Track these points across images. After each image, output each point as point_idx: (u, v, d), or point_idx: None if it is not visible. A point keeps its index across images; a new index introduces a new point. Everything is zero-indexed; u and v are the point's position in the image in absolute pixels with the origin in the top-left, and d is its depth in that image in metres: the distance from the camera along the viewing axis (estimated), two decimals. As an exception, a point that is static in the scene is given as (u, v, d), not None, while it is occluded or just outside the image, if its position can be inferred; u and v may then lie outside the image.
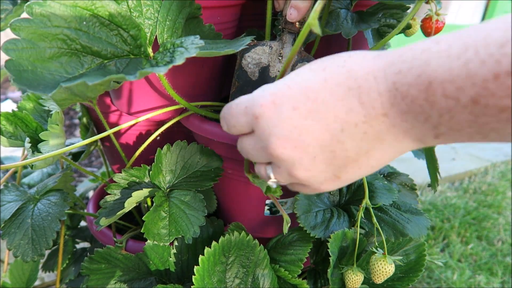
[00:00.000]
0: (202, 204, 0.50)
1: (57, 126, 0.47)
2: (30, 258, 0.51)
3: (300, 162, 0.30)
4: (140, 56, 0.40)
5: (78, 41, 0.36)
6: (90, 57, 0.37)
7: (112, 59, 0.38)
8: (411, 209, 0.56)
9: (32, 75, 0.32)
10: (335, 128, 0.28)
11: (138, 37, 0.39)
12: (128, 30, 0.39)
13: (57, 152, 0.43)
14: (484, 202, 1.80)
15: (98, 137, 0.46)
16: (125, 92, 0.55)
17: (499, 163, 2.18)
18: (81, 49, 0.36)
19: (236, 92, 0.52)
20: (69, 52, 0.36)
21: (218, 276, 0.46)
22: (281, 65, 0.49)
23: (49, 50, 0.34)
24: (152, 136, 0.55)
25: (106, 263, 0.53)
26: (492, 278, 1.35)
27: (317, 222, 0.52)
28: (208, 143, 0.54)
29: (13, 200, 0.56)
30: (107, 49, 0.37)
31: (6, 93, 2.57)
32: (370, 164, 0.29)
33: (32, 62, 0.33)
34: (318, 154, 0.29)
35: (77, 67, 0.36)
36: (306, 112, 0.29)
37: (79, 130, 0.81)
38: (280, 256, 0.52)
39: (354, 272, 0.49)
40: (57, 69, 0.34)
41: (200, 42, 0.34)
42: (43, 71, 0.33)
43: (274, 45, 0.49)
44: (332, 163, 0.29)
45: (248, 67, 0.50)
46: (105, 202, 0.51)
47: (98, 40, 0.37)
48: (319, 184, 0.31)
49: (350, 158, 0.29)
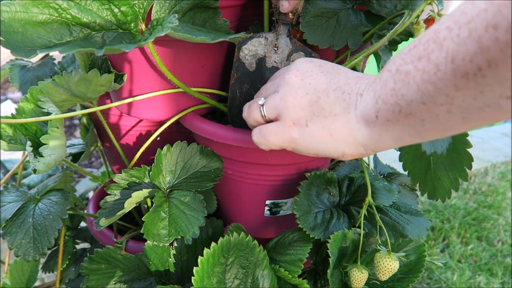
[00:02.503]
0: (202, 205, 0.50)
1: (57, 129, 0.47)
2: (32, 257, 0.51)
3: (296, 90, 0.38)
4: (130, 31, 0.41)
5: (68, 11, 0.38)
6: (79, 27, 0.39)
7: (99, 31, 0.39)
8: (411, 210, 0.56)
9: (22, 37, 0.34)
10: (331, 86, 0.37)
11: (128, 14, 0.40)
12: (119, 6, 0.40)
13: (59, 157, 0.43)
14: (484, 203, 1.80)
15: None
16: (125, 93, 0.55)
17: (499, 164, 2.18)
18: (71, 19, 0.38)
19: (235, 83, 0.53)
20: (59, 20, 0.37)
21: (218, 277, 0.46)
22: (277, 56, 0.51)
23: (40, 16, 0.36)
24: (152, 136, 0.55)
25: (106, 263, 0.53)
26: (492, 279, 1.35)
27: (317, 223, 0.52)
28: (208, 144, 0.54)
29: (14, 200, 0.56)
30: (95, 21, 0.39)
31: (6, 94, 2.57)
32: (331, 129, 0.36)
33: (23, 25, 0.35)
34: (310, 93, 0.37)
35: (66, 34, 0.38)
36: (324, 70, 0.38)
37: (79, 131, 0.81)
38: (280, 257, 0.52)
39: (359, 270, 0.49)
40: (46, 34, 0.36)
41: (174, 22, 0.36)
42: (32, 34, 0.35)
43: (270, 37, 0.50)
44: (312, 106, 0.37)
45: (246, 58, 0.51)
46: (105, 203, 0.51)
47: (89, 12, 0.39)
48: (291, 120, 0.38)
49: (324, 111, 0.36)
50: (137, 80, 0.53)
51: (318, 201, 0.54)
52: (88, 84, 0.48)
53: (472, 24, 0.23)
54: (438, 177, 0.53)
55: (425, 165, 0.53)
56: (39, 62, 0.76)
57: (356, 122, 0.34)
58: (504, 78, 0.22)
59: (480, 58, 0.22)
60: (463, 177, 0.53)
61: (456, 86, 0.24)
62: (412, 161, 0.53)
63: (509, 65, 0.21)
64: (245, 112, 0.44)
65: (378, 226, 0.51)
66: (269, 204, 0.60)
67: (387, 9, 0.51)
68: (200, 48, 0.52)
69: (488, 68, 0.22)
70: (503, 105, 0.24)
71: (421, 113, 0.28)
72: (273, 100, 0.40)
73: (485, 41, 0.22)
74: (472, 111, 0.25)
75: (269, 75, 0.52)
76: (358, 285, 0.49)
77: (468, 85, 0.24)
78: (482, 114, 0.25)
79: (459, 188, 0.53)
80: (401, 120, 0.30)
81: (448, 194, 0.54)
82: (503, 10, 0.21)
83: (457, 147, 0.52)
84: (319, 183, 0.55)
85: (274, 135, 0.39)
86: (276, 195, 0.59)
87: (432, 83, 0.26)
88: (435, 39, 0.25)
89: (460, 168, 0.53)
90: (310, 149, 0.38)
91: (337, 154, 0.37)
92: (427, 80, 0.26)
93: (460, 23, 0.24)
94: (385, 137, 0.33)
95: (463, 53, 0.23)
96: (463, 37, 0.23)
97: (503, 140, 2.51)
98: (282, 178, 0.56)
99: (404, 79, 0.28)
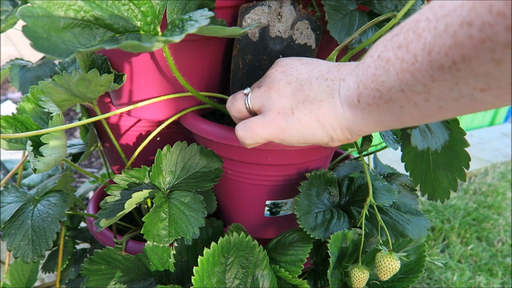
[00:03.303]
0: (202, 205, 0.50)
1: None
2: (30, 259, 0.51)
3: (279, 81, 0.39)
4: (150, 32, 0.40)
5: (91, 13, 0.37)
6: (103, 29, 0.37)
7: (123, 33, 0.39)
8: (411, 210, 0.56)
9: (47, 43, 0.33)
10: (314, 74, 0.37)
11: (149, 14, 0.40)
12: (140, 6, 0.39)
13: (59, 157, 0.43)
14: (484, 203, 1.80)
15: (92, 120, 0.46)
16: (125, 93, 0.55)
17: (499, 164, 2.18)
18: (94, 21, 0.37)
19: (238, 54, 0.52)
20: (82, 23, 0.36)
21: (218, 277, 0.46)
22: (281, 25, 0.50)
23: (63, 20, 0.35)
24: (151, 135, 0.55)
25: (106, 264, 0.53)
26: (492, 279, 1.35)
27: (317, 223, 0.52)
28: (208, 144, 0.54)
29: (13, 201, 0.56)
30: (119, 23, 0.38)
31: (6, 94, 2.57)
32: (318, 114, 0.36)
33: (47, 30, 0.34)
34: (292, 82, 0.38)
35: (90, 39, 0.36)
36: (304, 62, 0.40)
37: (79, 131, 0.81)
38: (280, 257, 0.52)
39: (360, 270, 0.49)
40: (70, 39, 0.35)
41: (209, 13, 0.35)
42: (57, 40, 0.34)
43: (273, 5, 0.49)
44: (296, 94, 0.38)
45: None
46: (105, 203, 0.51)
47: (111, 14, 0.38)
48: (276, 110, 0.38)
49: (309, 98, 0.37)
50: (137, 80, 0.53)
51: (318, 201, 0.54)
52: (87, 84, 0.47)
53: (448, 18, 0.23)
54: (437, 177, 0.53)
55: (425, 165, 0.53)
56: (39, 62, 0.76)
57: (340, 106, 0.35)
58: (477, 73, 0.23)
59: (455, 53, 0.23)
60: (461, 177, 0.53)
61: (433, 77, 0.25)
62: (413, 162, 0.53)
63: (482, 61, 0.22)
64: (229, 102, 0.44)
65: (379, 226, 0.51)
66: (269, 205, 0.59)
67: (388, 9, 0.51)
68: (200, 49, 0.51)
69: (462, 63, 0.23)
70: (477, 97, 0.25)
71: (400, 100, 0.29)
72: (258, 91, 0.40)
73: (460, 37, 0.22)
74: (448, 100, 0.26)
75: (273, 45, 0.51)
76: (359, 285, 0.49)
77: (444, 77, 0.25)
78: (458, 104, 0.26)
79: (457, 189, 0.53)
80: (381, 105, 0.31)
81: (447, 194, 0.54)
82: (477, 8, 0.21)
83: (454, 146, 0.52)
84: (319, 183, 0.55)
85: (261, 127, 0.39)
86: (276, 196, 0.59)
87: (410, 73, 0.27)
88: (415, 29, 0.26)
89: (458, 168, 0.53)
90: (298, 137, 0.38)
91: (326, 139, 0.38)
92: (406, 69, 0.27)
93: (438, 16, 0.24)
94: (368, 121, 0.34)
95: (439, 46, 0.24)
96: (440, 31, 0.24)
97: (503, 140, 2.51)
98: (282, 178, 0.56)
99: (384, 65, 0.29)
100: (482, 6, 0.21)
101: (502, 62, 0.22)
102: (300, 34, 0.51)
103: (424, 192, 0.55)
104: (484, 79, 0.23)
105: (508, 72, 0.22)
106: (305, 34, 0.51)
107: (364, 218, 0.52)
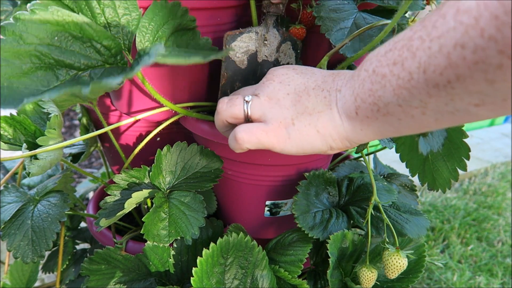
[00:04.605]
0: (202, 205, 0.50)
1: (55, 130, 0.47)
2: (30, 259, 0.51)
3: (277, 92, 0.39)
4: (116, 64, 0.41)
5: (50, 56, 0.37)
6: (65, 69, 0.38)
7: (86, 70, 0.39)
8: (410, 209, 0.56)
9: (8, 91, 0.33)
10: (310, 85, 0.38)
11: (112, 47, 0.40)
12: (101, 41, 0.39)
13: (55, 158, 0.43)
14: (484, 203, 1.80)
15: (94, 134, 0.46)
16: (125, 93, 0.55)
17: (499, 164, 2.18)
18: (54, 63, 0.37)
19: (226, 83, 0.51)
20: (43, 66, 0.37)
21: (217, 278, 0.46)
22: (266, 49, 0.50)
23: (24, 66, 0.36)
24: (150, 136, 0.55)
25: (106, 264, 0.53)
26: (492, 279, 1.35)
27: (316, 223, 0.52)
28: (208, 144, 0.54)
29: (13, 201, 0.56)
30: (80, 61, 0.38)
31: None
32: (317, 125, 0.37)
33: (7, 78, 0.34)
34: (291, 93, 0.39)
35: (52, 80, 0.37)
36: (299, 72, 0.40)
37: (79, 131, 0.82)
38: (280, 257, 0.52)
39: (369, 269, 0.49)
40: (33, 83, 0.35)
41: (161, 50, 0.35)
42: (19, 86, 0.34)
43: (259, 30, 0.49)
44: (295, 105, 0.38)
45: (236, 56, 0.50)
46: (105, 203, 0.51)
47: (71, 53, 0.38)
48: (278, 120, 0.39)
49: (308, 109, 0.37)
50: (137, 80, 0.53)
51: (317, 201, 0.54)
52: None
53: (442, 39, 0.24)
54: (437, 168, 0.54)
55: (422, 156, 0.54)
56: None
57: (339, 117, 0.36)
58: (472, 91, 0.24)
59: (450, 72, 0.24)
60: (462, 167, 0.53)
61: (429, 93, 0.26)
62: (408, 152, 0.53)
63: (475, 80, 0.23)
64: (223, 104, 0.42)
65: (385, 225, 0.51)
66: (269, 205, 0.60)
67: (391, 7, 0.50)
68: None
69: (456, 82, 0.24)
70: (472, 111, 0.26)
71: (398, 113, 0.30)
72: (259, 100, 0.40)
73: (454, 58, 0.24)
74: (444, 114, 0.28)
75: (260, 69, 0.51)
76: (368, 285, 0.49)
77: (439, 93, 0.26)
78: (453, 117, 0.28)
79: (458, 178, 0.54)
80: (379, 118, 0.32)
81: (448, 184, 0.55)
82: (469, 32, 0.22)
83: (453, 138, 0.52)
84: (318, 183, 0.55)
85: (265, 134, 0.39)
86: (276, 196, 0.59)
87: (406, 89, 0.28)
88: (409, 47, 0.27)
89: (458, 159, 0.53)
90: (298, 147, 0.39)
91: (325, 148, 0.38)
92: (402, 85, 0.28)
93: (431, 36, 0.25)
94: (367, 131, 0.34)
95: (434, 65, 0.25)
96: (434, 51, 0.25)
97: (503, 141, 2.51)
98: (282, 179, 0.57)
99: (380, 81, 0.30)
100: (475, 30, 0.22)
101: (495, 81, 0.23)
102: (284, 55, 0.52)
103: (423, 182, 0.55)
104: (478, 95, 0.24)
105: (501, 90, 0.23)
106: (288, 54, 0.52)
107: (363, 218, 0.52)
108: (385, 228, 0.51)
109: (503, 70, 0.22)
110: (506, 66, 0.22)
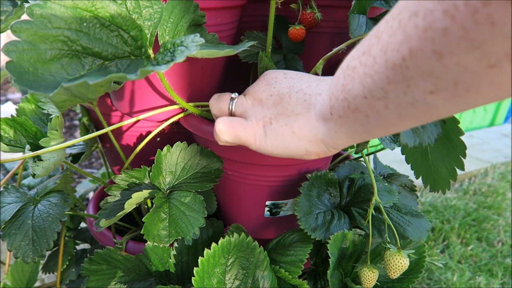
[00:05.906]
0: (202, 206, 0.50)
1: (57, 131, 0.47)
2: (31, 259, 0.51)
3: (262, 93, 0.41)
4: (141, 57, 0.40)
5: (78, 42, 0.36)
6: (91, 58, 0.37)
7: (113, 60, 0.38)
8: (412, 211, 0.56)
9: (33, 77, 0.32)
10: (294, 89, 0.39)
11: (139, 38, 0.39)
12: (129, 31, 0.39)
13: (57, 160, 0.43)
14: (484, 204, 1.80)
15: (94, 135, 0.46)
16: (125, 93, 0.55)
17: (499, 165, 2.18)
18: (81, 50, 0.36)
19: None
20: (70, 53, 0.35)
21: (218, 278, 0.46)
22: None
23: (50, 52, 0.34)
24: (150, 136, 0.55)
25: (106, 264, 0.53)
26: (492, 280, 1.35)
27: (318, 224, 0.52)
28: (208, 145, 0.54)
29: (13, 201, 0.56)
30: (108, 50, 0.37)
31: (6, 95, 2.57)
32: (293, 127, 0.38)
33: (33, 63, 0.33)
34: (274, 95, 0.40)
35: (78, 69, 0.35)
36: (288, 76, 0.41)
37: (79, 131, 0.82)
38: (280, 257, 0.52)
39: (370, 269, 0.49)
40: (58, 71, 0.34)
41: (200, 40, 0.35)
42: (44, 72, 0.33)
43: None
44: (276, 106, 0.39)
45: None
46: (105, 204, 0.51)
47: (99, 41, 0.37)
48: (256, 118, 0.40)
49: (287, 111, 0.38)
50: (137, 81, 0.53)
51: (319, 202, 0.54)
52: (87, 85, 0.47)
53: (401, 14, 0.24)
54: (437, 168, 0.54)
55: (423, 156, 0.54)
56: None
57: (315, 120, 0.36)
58: (423, 71, 0.24)
59: (404, 47, 0.24)
60: (459, 166, 0.54)
61: (388, 78, 0.26)
62: (413, 153, 0.53)
63: (425, 54, 0.23)
64: (213, 99, 0.46)
65: (386, 226, 0.51)
66: (269, 205, 0.60)
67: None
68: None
69: (410, 59, 0.24)
70: (429, 101, 0.25)
71: (365, 108, 0.30)
72: (243, 98, 0.43)
73: (408, 30, 0.23)
74: (404, 106, 0.27)
75: None
76: (369, 285, 0.49)
77: (396, 77, 0.25)
78: (414, 110, 0.27)
79: (457, 178, 0.54)
80: (350, 115, 0.32)
81: (447, 185, 0.55)
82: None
83: (449, 136, 0.52)
84: (319, 184, 0.55)
85: (243, 129, 0.41)
86: (276, 196, 0.59)
87: (370, 76, 0.27)
88: (376, 33, 0.27)
89: (456, 158, 0.53)
90: (274, 146, 0.40)
91: (300, 152, 0.39)
92: (367, 73, 0.28)
93: (393, 15, 0.25)
94: (340, 133, 0.34)
95: (393, 43, 0.25)
96: (394, 28, 0.25)
97: (503, 141, 2.51)
98: (282, 179, 0.56)
99: (350, 74, 0.30)
100: None
101: (442, 54, 0.22)
102: None
103: (426, 184, 0.56)
104: (430, 79, 0.24)
105: (449, 68, 0.22)
106: None
107: (365, 219, 0.52)
108: (386, 229, 0.51)
109: (447, 37, 0.21)
110: (450, 31, 0.21)
